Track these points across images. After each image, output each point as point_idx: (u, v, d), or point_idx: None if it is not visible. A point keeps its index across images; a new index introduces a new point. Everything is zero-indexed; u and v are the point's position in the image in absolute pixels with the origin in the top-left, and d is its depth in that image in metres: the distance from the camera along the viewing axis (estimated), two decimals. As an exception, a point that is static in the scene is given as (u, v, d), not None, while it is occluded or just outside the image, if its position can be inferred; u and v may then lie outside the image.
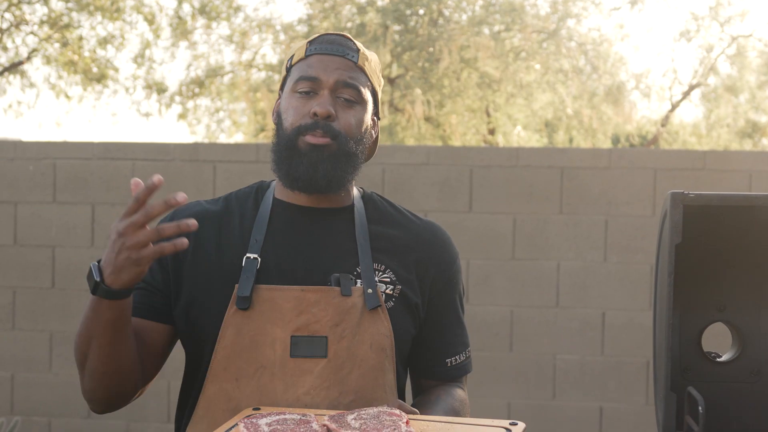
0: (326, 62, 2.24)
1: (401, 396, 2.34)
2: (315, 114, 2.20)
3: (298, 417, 1.96)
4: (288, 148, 2.22)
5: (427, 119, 17.15)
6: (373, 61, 2.33)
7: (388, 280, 2.26)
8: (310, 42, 2.29)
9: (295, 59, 2.29)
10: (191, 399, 2.29)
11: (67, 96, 17.65)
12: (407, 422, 1.94)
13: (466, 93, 16.58)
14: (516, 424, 1.96)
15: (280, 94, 2.33)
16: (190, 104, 19.16)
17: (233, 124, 20.93)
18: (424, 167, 5.78)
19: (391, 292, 2.25)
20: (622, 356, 5.67)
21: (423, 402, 2.31)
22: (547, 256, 5.70)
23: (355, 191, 2.38)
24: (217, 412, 2.16)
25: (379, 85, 2.35)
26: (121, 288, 2.00)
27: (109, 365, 2.12)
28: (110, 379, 2.15)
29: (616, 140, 21.59)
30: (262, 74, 18.71)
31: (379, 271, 2.26)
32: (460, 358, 2.39)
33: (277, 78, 17.90)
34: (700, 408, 1.80)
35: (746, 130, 20.43)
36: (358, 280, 2.22)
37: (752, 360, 2.04)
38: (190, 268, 2.25)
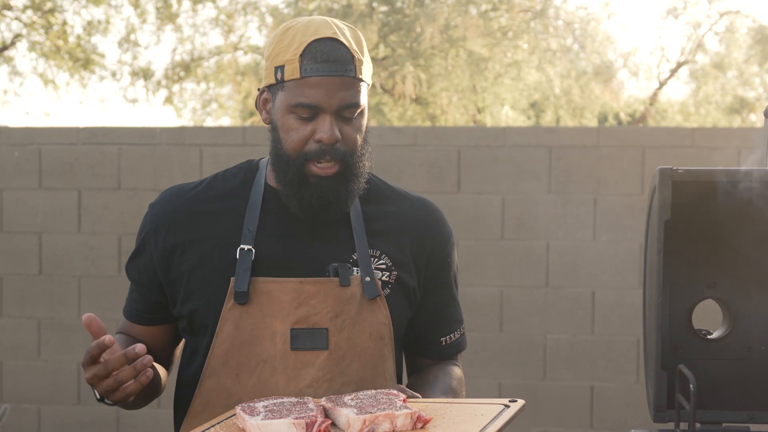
0: (326, 86, 2.11)
1: (399, 380, 2.33)
2: (320, 141, 2.12)
3: (295, 399, 1.97)
4: (296, 176, 2.14)
5: (415, 99, 17.11)
6: (364, 54, 2.19)
7: (384, 266, 2.23)
8: (302, 55, 2.12)
9: (287, 74, 2.13)
10: (187, 393, 2.27)
11: (54, 84, 17.57)
12: (404, 400, 1.93)
13: (454, 72, 16.54)
14: (515, 401, 1.96)
15: (265, 90, 2.21)
16: (176, 88, 19.08)
17: (220, 108, 20.86)
18: (411, 148, 5.76)
19: (387, 279, 2.23)
20: (613, 335, 5.66)
21: (420, 382, 2.30)
22: (536, 235, 5.69)
23: None
24: (217, 408, 2.15)
25: (371, 70, 2.25)
26: (122, 400, 2.06)
27: (143, 403, 2.24)
28: (146, 403, 2.27)
29: (603, 119, 21.58)
30: (249, 57, 18.63)
31: (375, 257, 2.23)
32: (454, 336, 2.37)
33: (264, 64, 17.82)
34: (691, 386, 1.79)
35: (734, 106, 20.43)
36: (355, 268, 2.19)
37: (743, 337, 2.02)
38: (181, 260, 2.22)
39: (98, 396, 2.05)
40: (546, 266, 5.69)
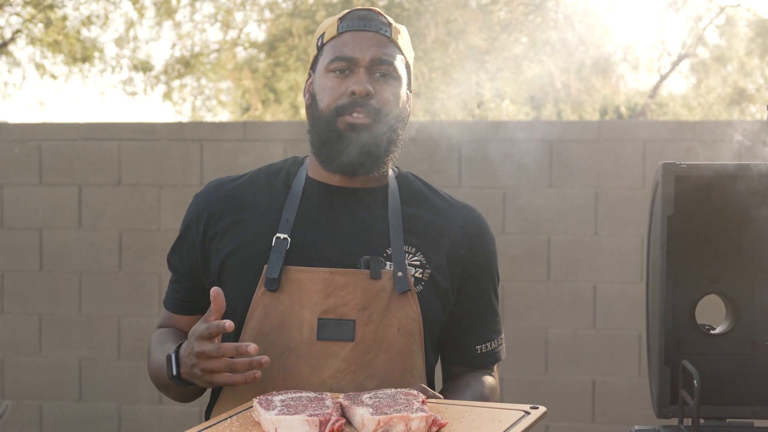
0: (360, 39, 2.20)
1: (431, 380, 2.31)
2: (353, 93, 2.16)
3: (314, 395, 1.97)
4: (328, 131, 2.18)
5: (415, 93, 17.09)
6: (404, 34, 2.28)
7: (418, 263, 2.23)
8: (341, 19, 2.23)
9: (326, 37, 2.24)
10: None
11: (53, 76, 17.55)
12: (423, 401, 1.92)
13: (453, 67, 16.52)
14: (536, 407, 1.94)
15: (311, 74, 2.29)
16: (175, 83, 19.06)
17: (219, 104, 20.84)
18: (412, 142, 5.75)
19: (420, 276, 2.22)
20: (614, 329, 5.66)
21: (452, 388, 2.29)
22: (537, 230, 5.68)
23: (390, 171, 2.34)
24: (245, 394, 2.15)
25: (412, 58, 2.32)
26: (208, 385, 2.09)
27: (192, 397, 2.28)
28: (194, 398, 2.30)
29: (604, 113, 21.56)
30: (248, 52, 18.61)
31: (410, 253, 2.22)
32: (491, 345, 2.35)
33: (263, 56, 17.83)
34: (695, 382, 1.78)
35: (735, 98, 20.41)
36: (388, 263, 2.19)
37: (747, 331, 2.02)
38: (219, 246, 2.24)
39: (175, 372, 2.08)
40: (547, 260, 5.68)
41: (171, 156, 5.87)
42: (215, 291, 2.01)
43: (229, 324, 1.97)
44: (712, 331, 2.03)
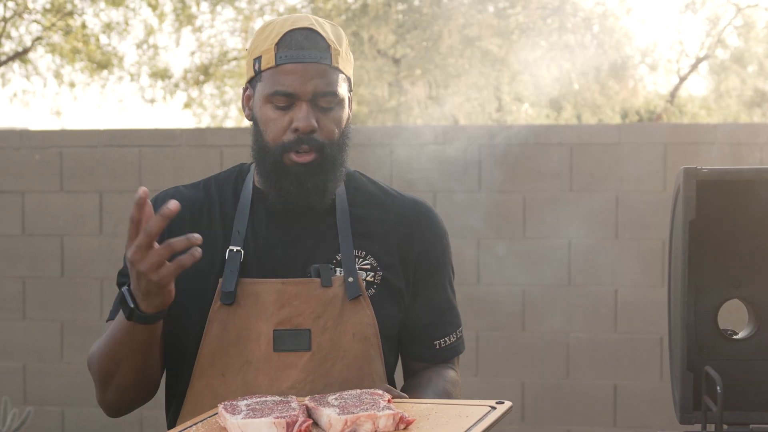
0: (300, 73, 2.13)
1: (391, 380, 2.30)
2: (297, 129, 2.13)
3: (279, 398, 1.96)
4: (274, 167, 2.16)
5: (433, 99, 17.09)
6: (343, 45, 2.21)
7: (369, 266, 2.22)
8: (278, 45, 2.14)
9: (264, 63, 2.15)
10: (177, 393, 2.26)
11: (71, 84, 17.63)
12: (389, 400, 1.92)
13: (470, 72, 16.51)
14: (502, 402, 1.93)
15: (248, 87, 2.23)
16: (195, 92, 19.13)
17: (238, 111, 20.89)
18: (431, 147, 5.75)
19: (372, 279, 2.21)
20: (636, 333, 5.64)
21: (413, 385, 2.27)
22: (558, 234, 5.67)
23: None
24: (204, 408, 2.13)
25: (351, 66, 2.26)
26: (154, 311, 2.00)
27: (140, 380, 2.16)
28: (139, 391, 2.20)
29: (624, 115, 21.51)
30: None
31: (360, 257, 2.21)
32: (449, 339, 2.33)
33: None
34: (718, 388, 1.77)
35: (755, 99, 20.32)
36: (339, 269, 2.18)
37: (770, 337, 2.01)
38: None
39: (131, 303, 1.99)
40: (568, 264, 5.67)
41: (191, 162, 5.88)
42: (142, 192, 1.91)
43: (173, 203, 1.88)
44: (734, 336, 2.02)
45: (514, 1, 16.77)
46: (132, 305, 2.00)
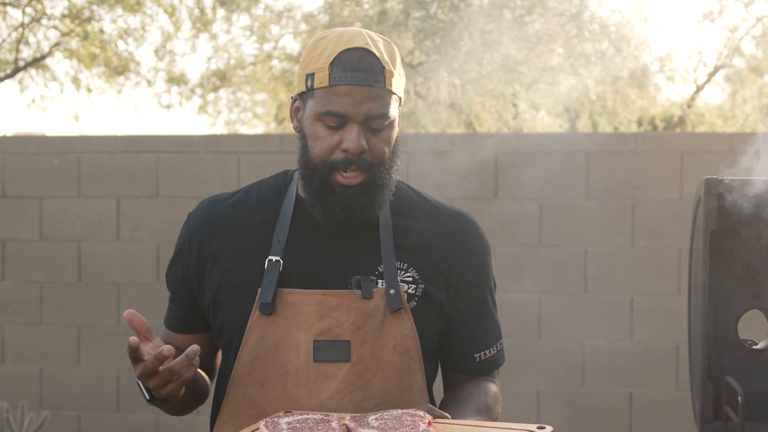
0: (354, 95, 2.10)
1: (430, 393, 2.30)
2: (346, 150, 2.12)
3: (320, 417, 1.95)
4: (321, 185, 2.15)
5: (450, 105, 17.09)
6: (397, 66, 2.19)
7: (411, 279, 2.21)
8: (332, 65, 2.12)
9: (317, 81, 2.13)
10: (215, 400, 2.31)
11: (88, 89, 17.70)
12: (429, 423, 1.91)
13: (489, 78, 16.51)
14: (543, 428, 1.91)
15: (297, 99, 2.22)
16: (210, 96, 19.18)
17: (254, 117, 20.94)
18: (448, 154, 5.75)
19: (413, 292, 2.20)
20: (652, 341, 5.63)
21: (454, 399, 2.26)
22: (574, 241, 5.66)
23: None
24: (242, 417, 2.16)
25: (403, 83, 2.25)
26: (169, 395, 2.09)
27: (189, 408, 2.34)
28: (192, 409, 2.36)
29: (640, 124, 21.46)
30: (283, 64, 18.68)
31: (402, 270, 2.21)
32: (490, 352, 2.33)
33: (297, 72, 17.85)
34: (739, 398, 1.77)
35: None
36: (380, 281, 2.18)
37: (790, 347, 2.00)
38: (212, 270, 2.23)
39: (147, 396, 2.11)
40: (584, 272, 5.66)
41: (208, 168, 5.90)
42: (128, 314, 2.02)
43: (167, 349, 1.97)
44: (754, 347, 2.02)
45: (531, 8, 16.77)
46: (148, 398, 2.12)
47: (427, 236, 2.26)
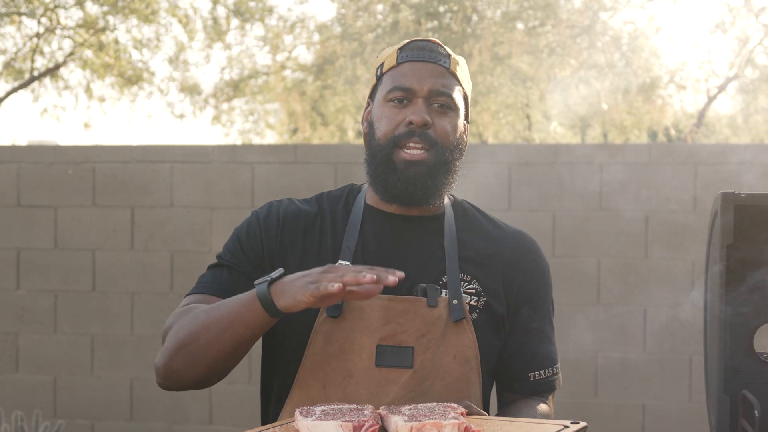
0: (419, 70, 2.23)
1: (486, 407, 2.30)
2: (410, 123, 2.19)
3: (355, 406, 1.97)
4: (384, 162, 2.21)
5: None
6: (463, 65, 2.31)
7: (474, 291, 2.25)
8: (401, 49, 2.26)
9: (385, 67, 2.27)
10: (273, 401, 2.29)
11: (101, 99, 17.75)
12: (462, 413, 1.92)
13: (500, 90, 16.52)
14: (577, 423, 1.92)
15: (369, 103, 2.32)
16: (224, 106, 19.22)
17: (267, 127, 20.97)
18: (462, 165, 5.75)
19: (475, 304, 2.24)
20: (665, 353, 5.62)
21: (503, 413, 2.28)
22: (588, 253, 5.67)
23: (446, 199, 2.36)
24: None
25: (469, 86, 2.34)
26: (284, 307, 2.00)
27: (223, 359, 2.14)
28: (206, 372, 2.16)
29: (653, 135, 21.43)
30: (297, 75, 18.73)
31: (465, 281, 2.24)
32: (545, 374, 2.35)
33: (311, 80, 17.93)
34: (756, 412, 1.77)
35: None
36: (444, 290, 2.21)
37: (806, 361, 2.00)
38: (286, 262, 2.24)
39: (275, 275, 2.02)
40: (597, 284, 5.66)
41: (223, 178, 5.92)
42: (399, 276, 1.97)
43: (398, 275, 1.94)
44: (770, 360, 2.02)
45: (544, 19, 16.77)
46: (275, 276, 2.02)
47: (490, 252, 2.31)
